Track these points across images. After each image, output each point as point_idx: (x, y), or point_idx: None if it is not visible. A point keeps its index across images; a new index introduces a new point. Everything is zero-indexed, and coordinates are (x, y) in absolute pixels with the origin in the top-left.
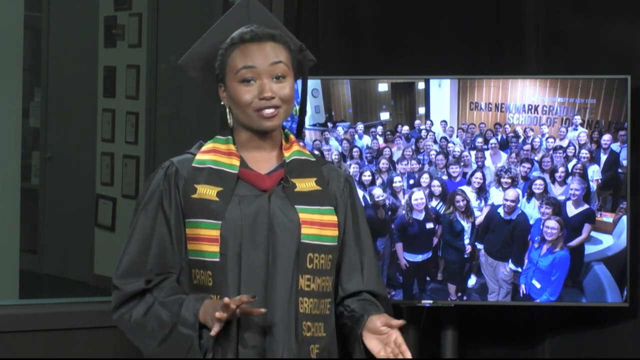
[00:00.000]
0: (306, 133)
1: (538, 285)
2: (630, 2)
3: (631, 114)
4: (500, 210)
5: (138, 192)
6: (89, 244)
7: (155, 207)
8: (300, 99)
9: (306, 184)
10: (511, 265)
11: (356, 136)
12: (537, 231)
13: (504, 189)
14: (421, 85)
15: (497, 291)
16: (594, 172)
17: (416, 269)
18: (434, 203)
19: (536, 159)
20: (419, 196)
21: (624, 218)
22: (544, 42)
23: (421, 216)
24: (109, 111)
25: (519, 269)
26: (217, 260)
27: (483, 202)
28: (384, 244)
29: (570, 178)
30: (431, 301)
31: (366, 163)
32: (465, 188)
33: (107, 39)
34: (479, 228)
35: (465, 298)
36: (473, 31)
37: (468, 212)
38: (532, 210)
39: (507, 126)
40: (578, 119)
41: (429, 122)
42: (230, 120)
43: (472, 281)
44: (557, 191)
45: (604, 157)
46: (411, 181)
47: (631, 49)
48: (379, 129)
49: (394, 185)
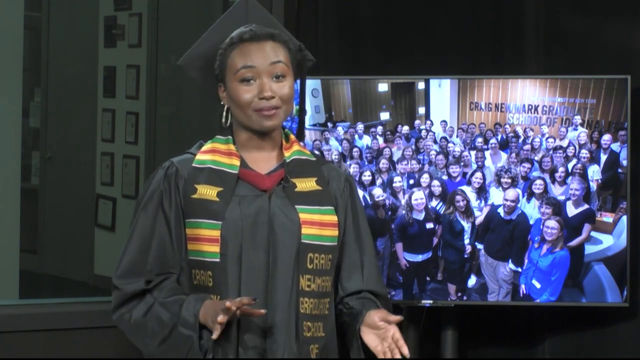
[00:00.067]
0: (306, 133)
1: (538, 285)
2: (630, 2)
3: (631, 114)
4: (500, 210)
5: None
6: (89, 244)
7: (155, 207)
8: (298, 99)
9: (306, 184)
10: (511, 265)
11: (356, 136)
12: (537, 231)
13: (504, 189)
14: (421, 85)
15: (497, 291)
16: (594, 172)
17: (416, 269)
18: (434, 203)
19: (536, 159)
20: (419, 196)
21: (624, 218)
22: (544, 42)
23: (421, 216)
24: (109, 111)
25: (519, 269)
26: (217, 260)
27: (483, 202)
28: (384, 244)
29: (570, 178)
30: (431, 301)
31: (366, 163)
32: (465, 188)
33: (107, 39)
34: (479, 228)
35: (465, 298)
36: (473, 31)
37: (468, 212)
38: (532, 210)
39: (507, 126)
40: (578, 119)
41: (429, 122)
42: (225, 120)
43: (472, 281)
44: (557, 191)
45: (604, 157)
46: (411, 181)
47: (631, 49)
48: (379, 129)
49: (394, 185)
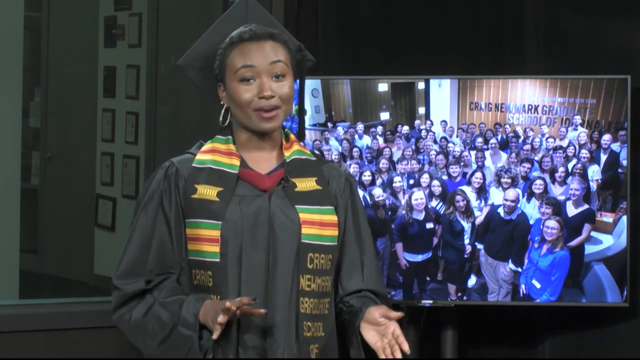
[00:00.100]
0: (306, 133)
1: (538, 285)
2: (630, 2)
3: (631, 114)
4: (500, 210)
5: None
6: (89, 244)
7: (155, 207)
8: (298, 99)
9: (306, 184)
10: (511, 265)
11: (356, 136)
12: (537, 231)
13: (504, 189)
14: (421, 85)
15: (497, 291)
16: (594, 172)
17: (416, 269)
18: (434, 203)
19: (536, 159)
20: (419, 196)
21: (624, 218)
22: (544, 42)
23: (421, 216)
24: (109, 111)
25: (519, 269)
26: (217, 260)
27: (483, 202)
28: (384, 244)
29: (570, 178)
30: (431, 301)
31: (366, 163)
32: (465, 188)
33: (107, 39)
34: (479, 228)
35: (465, 298)
36: (473, 31)
37: (468, 212)
38: (532, 210)
39: (507, 126)
40: (578, 119)
41: (429, 122)
42: (222, 119)
43: (472, 281)
44: (557, 191)
45: (604, 157)
46: (411, 181)
47: (631, 49)
48: (379, 129)
49: (394, 185)
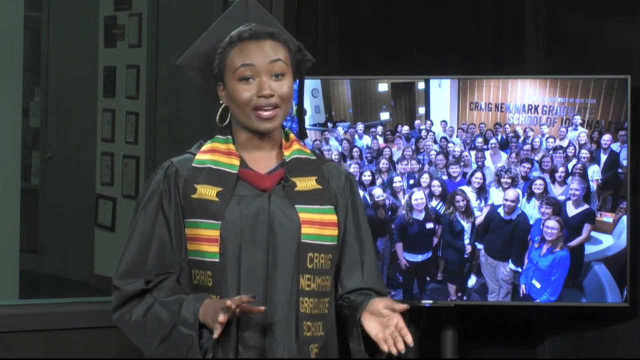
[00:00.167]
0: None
1: (538, 285)
2: (630, 2)
3: (631, 114)
4: (500, 210)
5: (138, 192)
6: (89, 244)
7: (155, 207)
8: (297, 99)
9: (306, 183)
10: (511, 265)
11: (356, 136)
12: (537, 231)
13: (504, 189)
14: (421, 85)
15: (497, 291)
16: (594, 172)
17: (416, 269)
18: (434, 203)
19: (536, 159)
20: (419, 196)
21: (624, 218)
22: (544, 42)
23: (421, 216)
24: (109, 111)
25: (519, 269)
26: (217, 260)
27: (483, 202)
28: (384, 244)
29: (570, 178)
30: (431, 301)
31: (366, 163)
32: (465, 188)
33: (107, 39)
34: (479, 228)
35: (465, 298)
36: (473, 31)
37: (468, 212)
38: (532, 210)
39: (507, 126)
40: (578, 119)
41: (429, 122)
42: (219, 119)
43: (472, 281)
44: (557, 191)
45: (604, 157)
46: (411, 181)
47: (631, 49)
48: (379, 129)
49: (394, 185)
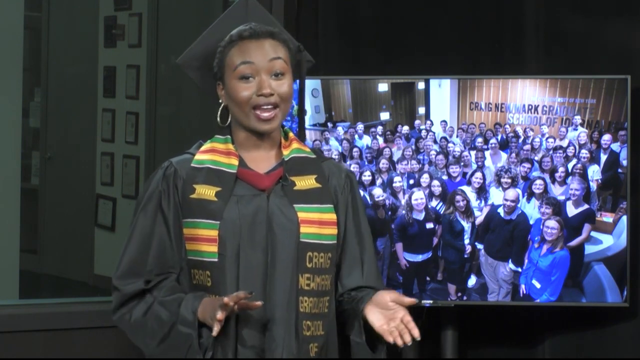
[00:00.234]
0: (306, 133)
1: (538, 285)
2: (630, 2)
3: (631, 114)
4: (500, 210)
5: (138, 192)
6: (89, 244)
7: (154, 207)
8: (297, 100)
9: (306, 182)
10: (511, 265)
11: (356, 136)
12: (537, 231)
13: (504, 189)
14: (421, 85)
15: (497, 291)
16: (594, 172)
17: (416, 269)
18: (434, 203)
19: (536, 159)
20: (419, 196)
21: (624, 218)
22: (544, 42)
23: (421, 216)
24: (109, 111)
25: (519, 269)
26: (215, 260)
27: (483, 202)
28: (384, 244)
29: (570, 178)
30: (431, 301)
31: (366, 163)
32: (465, 188)
33: (107, 39)
34: (479, 228)
35: (465, 298)
36: (473, 31)
37: (468, 212)
38: (532, 210)
39: (507, 126)
40: (578, 119)
41: (429, 122)
42: (220, 119)
43: (472, 281)
44: (557, 191)
45: (604, 157)
46: (411, 181)
47: (631, 49)
48: (379, 129)
49: (394, 185)
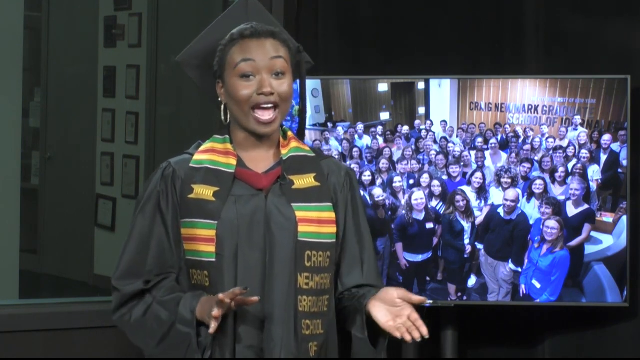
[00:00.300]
0: (306, 133)
1: (538, 285)
2: (630, 2)
3: (631, 114)
4: (500, 210)
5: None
6: (89, 244)
7: (153, 208)
8: (299, 101)
9: (304, 181)
10: (511, 265)
11: (356, 136)
12: (537, 231)
13: (504, 189)
14: (421, 85)
15: (497, 291)
16: (594, 172)
17: (416, 269)
18: (434, 203)
19: (536, 159)
20: (419, 196)
21: (624, 218)
22: (544, 42)
23: (421, 216)
24: (109, 111)
25: (519, 269)
26: (213, 260)
27: (483, 202)
28: (384, 244)
29: (570, 178)
30: (431, 301)
31: (366, 163)
32: (465, 188)
33: (107, 39)
34: (479, 228)
35: (465, 298)
36: (473, 31)
37: (468, 212)
38: (532, 210)
39: (507, 126)
40: (578, 119)
41: (429, 122)
42: (224, 117)
43: (472, 281)
44: (557, 191)
45: (604, 157)
46: (411, 181)
47: (631, 49)
48: (379, 129)
49: (394, 185)
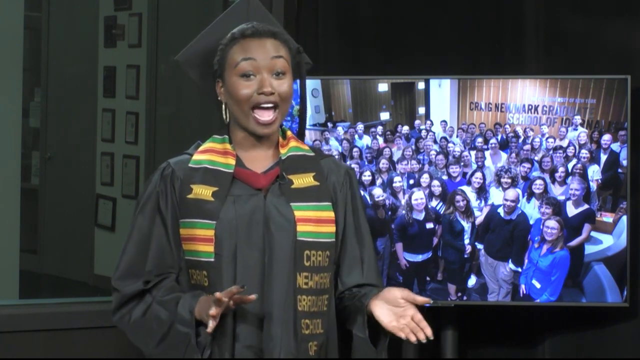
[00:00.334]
0: (306, 133)
1: (538, 285)
2: (630, 2)
3: (631, 114)
4: (500, 210)
5: (138, 192)
6: (89, 244)
7: (152, 208)
8: (299, 102)
9: (303, 180)
10: (511, 265)
11: (356, 136)
12: (537, 231)
13: (504, 189)
14: (421, 85)
15: (497, 291)
16: (594, 172)
17: (416, 269)
18: (434, 203)
19: (536, 159)
20: (419, 196)
21: (624, 218)
22: (544, 42)
23: (421, 216)
24: (109, 111)
25: (519, 269)
26: (212, 260)
27: (483, 202)
28: (384, 244)
29: (570, 178)
30: (431, 301)
31: (366, 163)
32: (465, 188)
33: (107, 39)
34: (479, 228)
35: (465, 298)
36: (473, 31)
37: (468, 212)
38: (532, 210)
39: (507, 126)
40: (578, 119)
41: (429, 122)
42: (225, 116)
43: (472, 281)
44: (557, 191)
45: (604, 157)
46: (411, 181)
47: (631, 49)
48: (379, 129)
49: (394, 185)
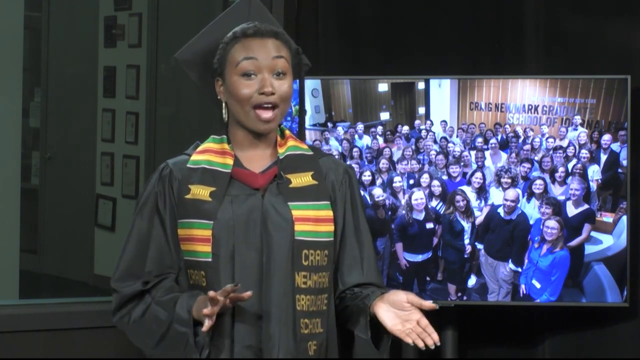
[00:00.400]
0: (306, 133)
1: (538, 285)
2: (630, 2)
3: (631, 114)
4: (500, 210)
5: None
6: (89, 244)
7: (151, 209)
8: (298, 102)
9: (302, 179)
10: (511, 265)
11: (356, 136)
12: (537, 231)
13: (504, 189)
14: (421, 85)
15: (497, 291)
16: (594, 172)
17: (416, 269)
18: (434, 203)
19: (536, 159)
20: (419, 196)
21: (624, 218)
22: (544, 42)
23: (421, 216)
24: (109, 111)
25: (519, 269)
26: (209, 260)
27: (483, 202)
28: (384, 244)
29: (570, 178)
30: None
31: (366, 163)
32: (465, 188)
33: (107, 39)
34: (479, 228)
35: (465, 298)
36: (473, 31)
37: (468, 212)
38: (532, 210)
39: (507, 126)
40: (578, 119)
41: (429, 122)
42: (226, 115)
43: (472, 281)
44: (557, 191)
45: (604, 157)
46: (411, 181)
47: (631, 49)
48: (379, 129)
49: (394, 185)
